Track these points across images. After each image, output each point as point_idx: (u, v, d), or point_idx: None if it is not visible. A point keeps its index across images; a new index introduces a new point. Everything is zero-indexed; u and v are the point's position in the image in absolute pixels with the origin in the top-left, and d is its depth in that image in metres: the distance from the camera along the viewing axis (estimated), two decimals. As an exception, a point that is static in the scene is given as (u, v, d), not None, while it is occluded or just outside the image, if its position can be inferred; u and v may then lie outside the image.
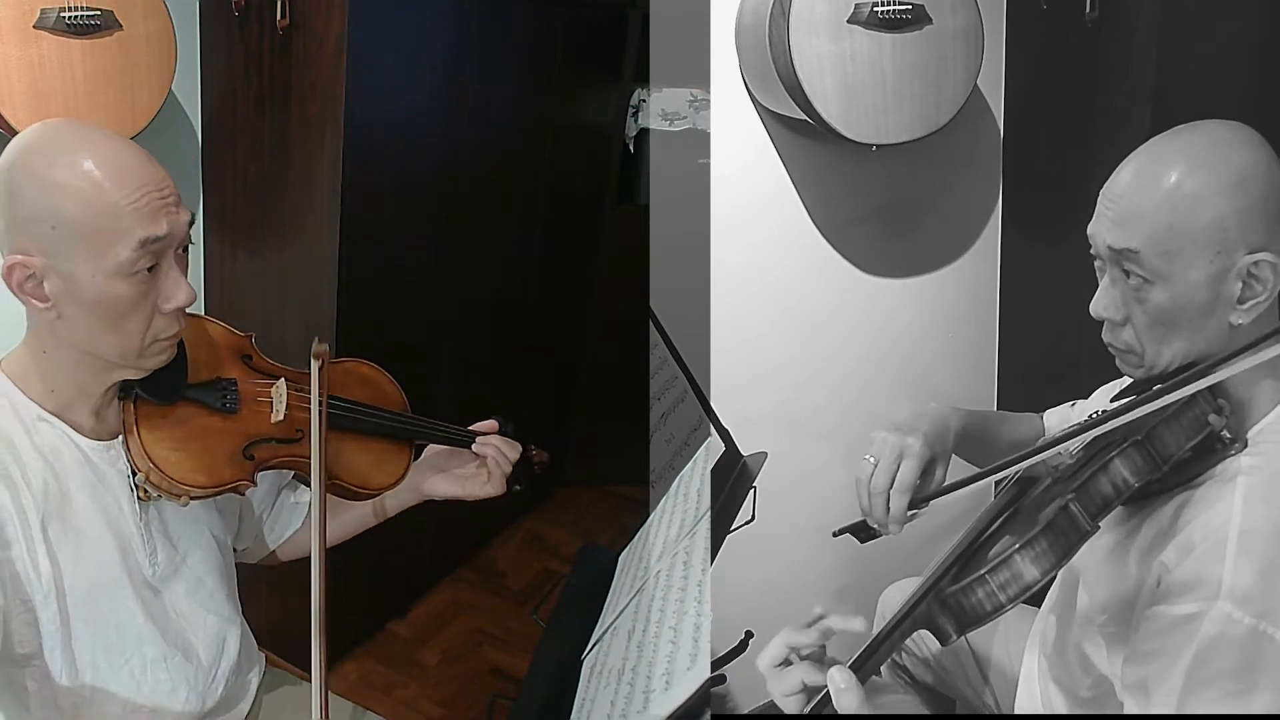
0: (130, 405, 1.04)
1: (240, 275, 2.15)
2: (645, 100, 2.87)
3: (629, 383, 1.50)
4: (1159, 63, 1.50)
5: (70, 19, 1.60)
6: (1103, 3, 1.57)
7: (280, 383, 1.13)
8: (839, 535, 1.16)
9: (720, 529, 1.13)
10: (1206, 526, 0.92)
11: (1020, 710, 1.28)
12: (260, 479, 1.12)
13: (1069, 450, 1.03)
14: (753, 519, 1.21)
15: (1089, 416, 1.13)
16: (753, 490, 1.23)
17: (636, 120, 2.93)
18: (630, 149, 2.97)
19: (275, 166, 2.03)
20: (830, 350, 1.92)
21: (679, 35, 1.83)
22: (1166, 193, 0.94)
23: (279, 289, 2.11)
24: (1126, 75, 1.56)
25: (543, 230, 2.79)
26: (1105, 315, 1.01)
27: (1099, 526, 0.92)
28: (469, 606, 2.64)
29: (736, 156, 1.81)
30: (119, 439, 1.06)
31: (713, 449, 1.22)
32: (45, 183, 0.94)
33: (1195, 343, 0.97)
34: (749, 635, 1.15)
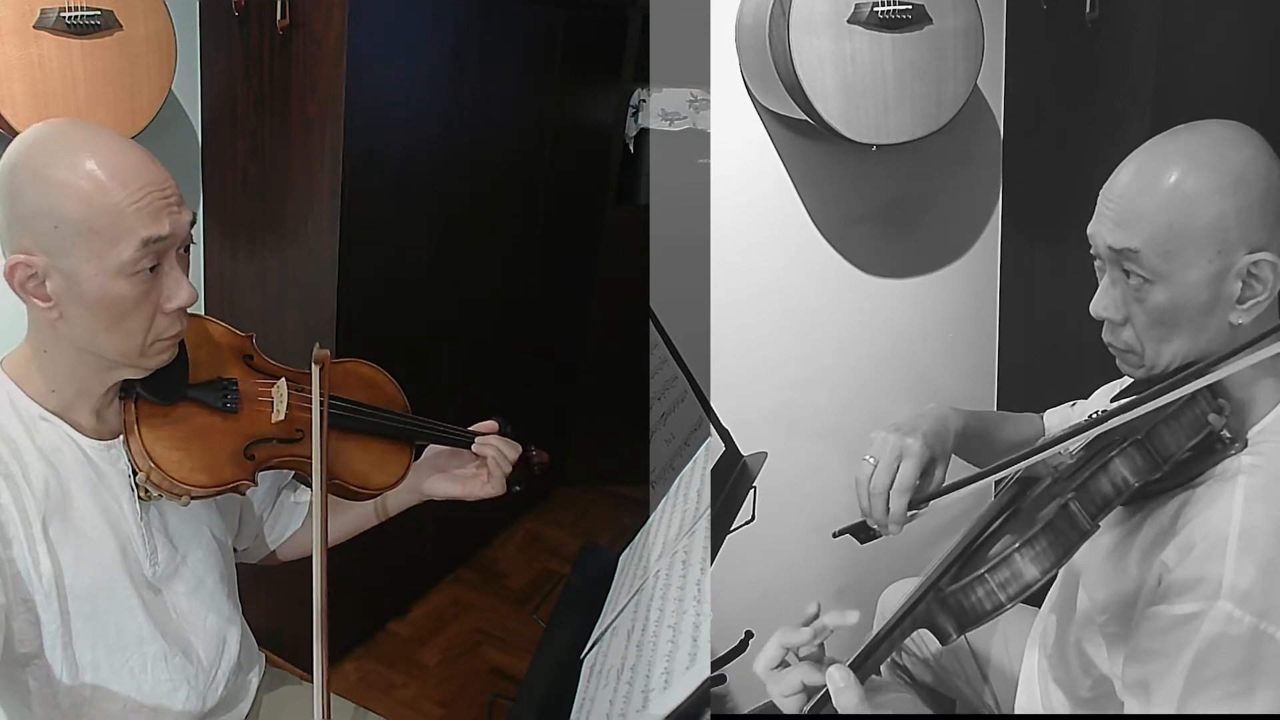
0: (131, 405, 1.04)
1: (240, 275, 2.15)
2: (645, 100, 2.87)
3: (629, 383, 1.50)
4: (1159, 63, 1.50)
5: (70, 19, 1.60)
6: (1103, 3, 1.57)
7: (281, 383, 1.13)
8: (839, 536, 1.16)
9: (720, 529, 1.12)
10: (1207, 526, 0.92)
11: (1020, 710, 1.28)
12: (260, 479, 1.12)
13: (1069, 450, 1.03)
14: (753, 519, 1.21)
15: (1089, 416, 1.13)
16: (753, 490, 1.23)
17: (636, 120, 2.93)
18: (630, 149, 2.97)
19: (275, 166, 2.03)
20: (830, 350, 1.92)
21: (679, 35, 1.82)
22: (1166, 192, 0.94)
23: (279, 289, 2.11)
24: (1126, 75, 1.56)
25: (543, 230, 2.79)
26: (1105, 315, 1.01)
27: (1099, 526, 0.92)
28: (469, 606, 2.64)
29: (736, 156, 1.81)
30: (120, 438, 1.06)
31: (713, 449, 1.22)
32: (48, 182, 0.94)
33: (1195, 342, 0.97)
34: (749, 635, 1.15)
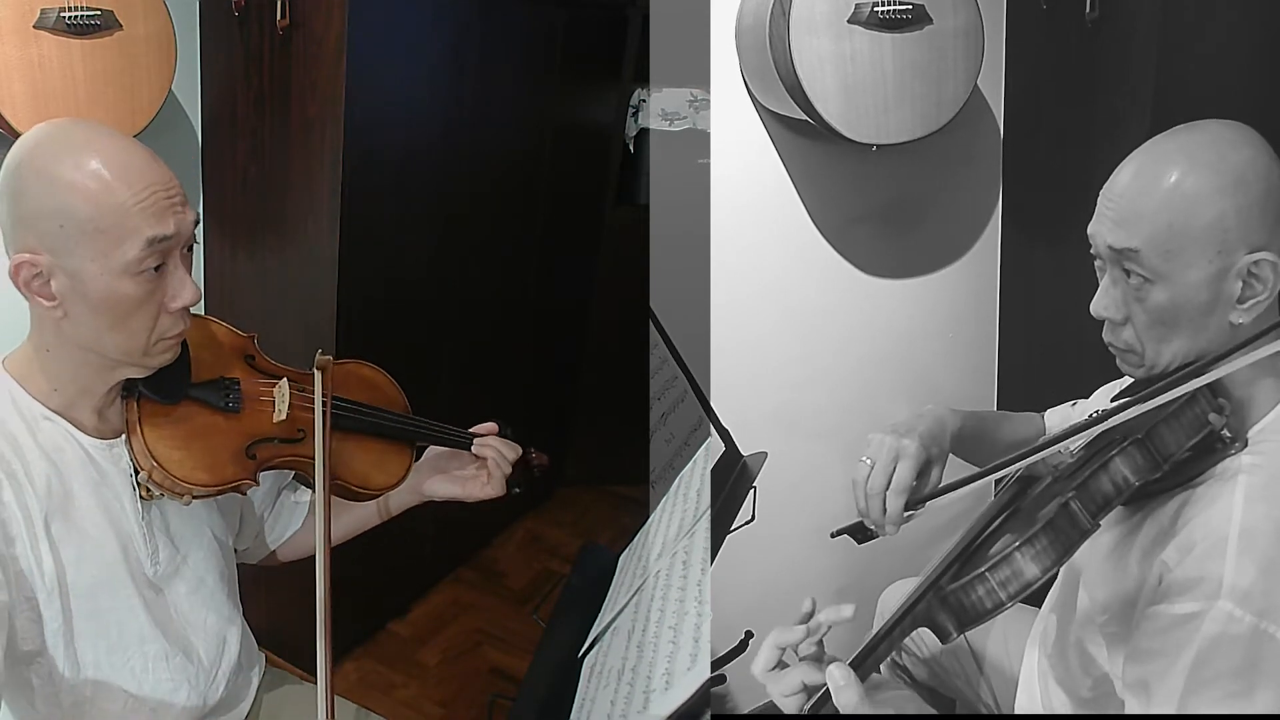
0: (133, 404, 1.04)
1: (240, 275, 2.15)
2: (645, 100, 2.87)
3: (629, 383, 1.50)
4: (1159, 63, 1.50)
5: (70, 19, 1.60)
6: (1103, 3, 1.57)
7: (283, 383, 1.13)
8: (836, 536, 1.16)
9: (720, 529, 1.12)
10: (1207, 525, 0.92)
11: (1020, 710, 1.28)
12: (261, 479, 1.12)
13: (1069, 449, 1.03)
14: (753, 519, 1.21)
15: (1090, 416, 1.13)
16: (753, 490, 1.23)
17: (636, 120, 2.93)
18: (630, 149, 2.97)
19: (275, 166, 2.03)
20: (830, 350, 1.92)
21: (679, 35, 1.82)
22: (1167, 192, 0.94)
23: (279, 289, 2.11)
24: (1126, 75, 1.56)
25: (543, 230, 2.79)
26: (1105, 315, 1.01)
27: (1099, 525, 0.92)
28: (469, 606, 2.64)
29: (736, 156, 1.81)
30: (122, 437, 1.06)
31: (713, 449, 1.22)
32: (53, 181, 0.94)
33: (1196, 342, 0.97)
34: (749, 635, 1.15)
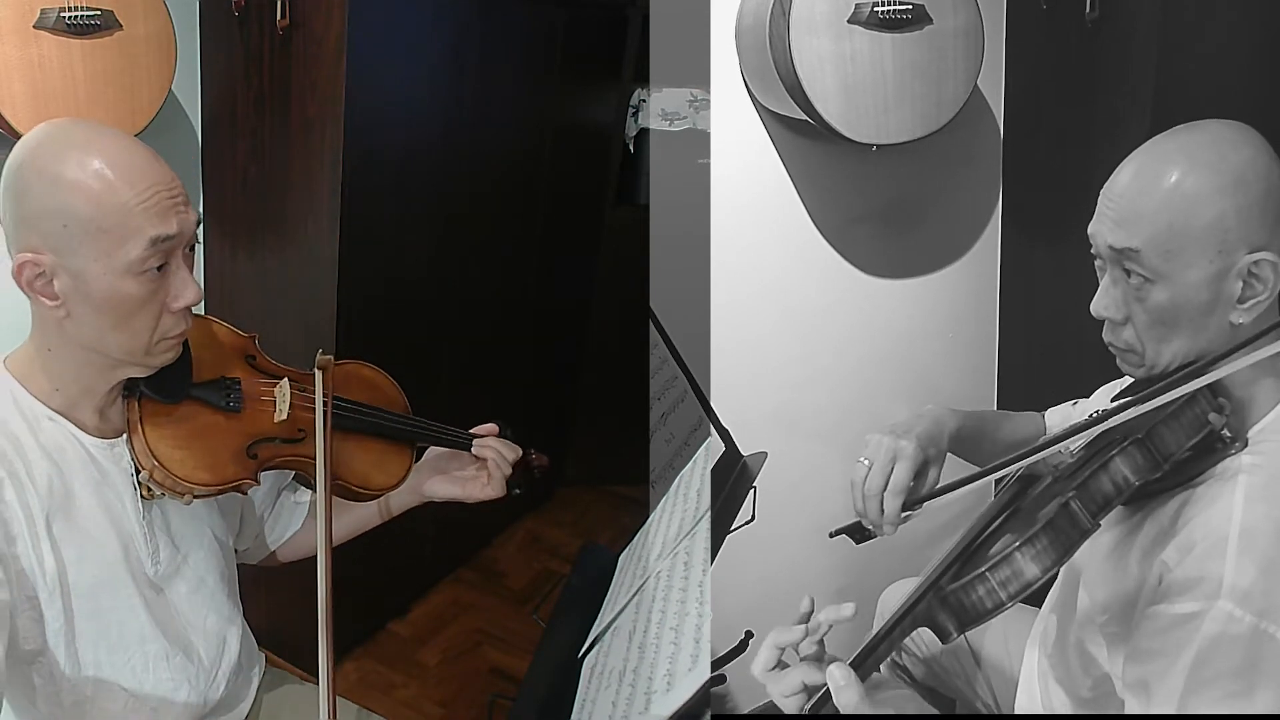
0: (135, 403, 1.04)
1: (240, 275, 2.15)
2: (645, 100, 2.87)
3: (629, 383, 1.50)
4: (1159, 63, 1.50)
5: (70, 19, 1.60)
6: (1103, 3, 1.57)
7: (284, 382, 1.13)
8: (834, 536, 1.16)
9: (720, 529, 1.13)
10: (1207, 525, 0.92)
11: (1020, 710, 1.28)
12: (261, 479, 1.13)
13: (1069, 449, 1.03)
14: (753, 519, 1.21)
15: (1090, 415, 1.13)
16: (753, 490, 1.23)
17: (636, 120, 2.93)
18: (630, 149, 2.97)
19: (275, 166, 2.03)
20: (830, 350, 1.92)
21: (679, 35, 1.82)
22: (1167, 192, 0.94)
23: (279, 289, 2.11)
24: (1126, 75, 1.56)
25: (543, 230, 2.79)
26: (1106, 315, 1.01)
27: (1099, 524, 0.92)
28: (469, 606, 2.64)
29: (736, 156, 1.81)
30: (123, 437, 1.06)
31: (713, 449, 1.22)
32: (56, 181, 0.94)
33: (1196, 342, 0.97)
34: (749, 635, 1.15)
